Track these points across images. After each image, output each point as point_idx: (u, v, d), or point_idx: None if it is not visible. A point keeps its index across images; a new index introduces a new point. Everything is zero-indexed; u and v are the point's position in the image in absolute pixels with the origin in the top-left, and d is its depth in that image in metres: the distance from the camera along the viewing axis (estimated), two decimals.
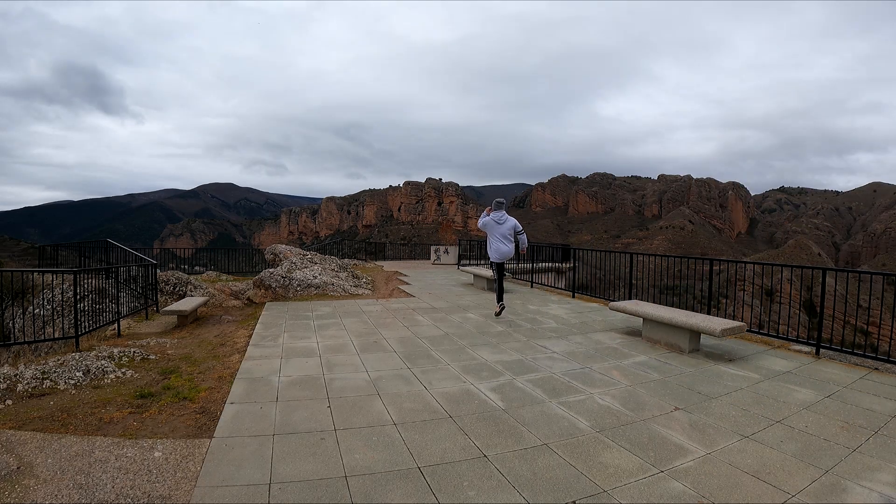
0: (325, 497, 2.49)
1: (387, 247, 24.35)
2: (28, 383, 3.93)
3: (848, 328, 7.32)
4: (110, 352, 4.96)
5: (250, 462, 2.83)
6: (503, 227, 7.28)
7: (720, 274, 8.92)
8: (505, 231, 7.28)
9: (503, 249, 7.30)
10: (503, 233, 7.28)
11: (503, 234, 7.28)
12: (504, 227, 7.29)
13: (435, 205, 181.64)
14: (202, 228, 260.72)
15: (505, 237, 7.29)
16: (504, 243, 7.29)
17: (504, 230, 7.28)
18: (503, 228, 7.28)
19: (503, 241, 7.29)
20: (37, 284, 9.37)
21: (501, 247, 7.29)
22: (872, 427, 3.39)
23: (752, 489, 2.59)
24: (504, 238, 7.29)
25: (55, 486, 2.50)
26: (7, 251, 61.40)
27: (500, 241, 7.29)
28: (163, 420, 3.41)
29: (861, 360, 5.05)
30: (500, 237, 7.28)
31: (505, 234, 7.28)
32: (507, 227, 7.30)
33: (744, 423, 3.46)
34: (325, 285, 10.24)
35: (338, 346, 5.67)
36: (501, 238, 7.28)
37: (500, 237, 7.28)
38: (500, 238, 7.28)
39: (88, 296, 6.66)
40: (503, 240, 7.29)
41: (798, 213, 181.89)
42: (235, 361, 4.92)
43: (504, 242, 7.29)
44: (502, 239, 7.28)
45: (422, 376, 4.51)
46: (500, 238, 7.28)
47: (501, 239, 7.28)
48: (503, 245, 7.29)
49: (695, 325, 5.23)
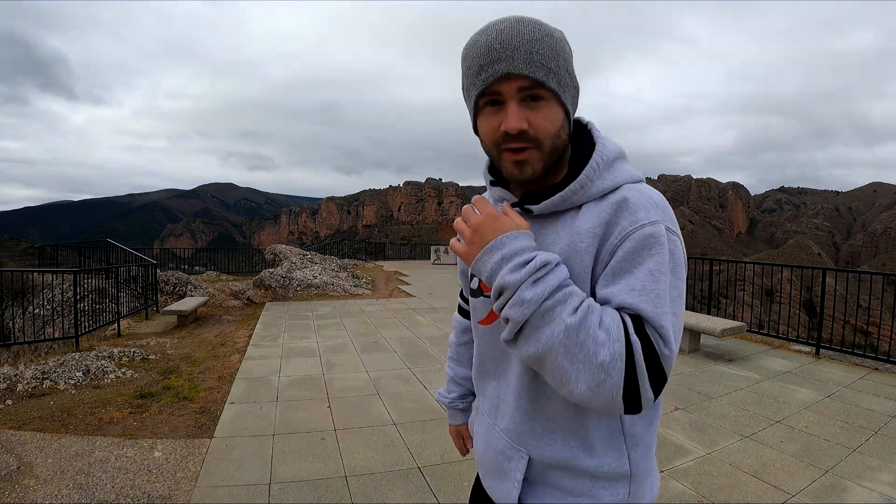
0: (325, 497, 2.49)
1: (387, 247, 24.36)
2: (28, 383, 3.93)
3: (848, 328, 7.32)
4: (110, 352, 4.96)
5: (250, 462, 2.83)
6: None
7: (720, 274, 8.94)
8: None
9: None
10: None
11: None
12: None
13: (435, 205, 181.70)
14: (202, 228, 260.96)
15: None
16: None
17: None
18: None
19: None
20: (37, 284, 9.37)
21: None
22: (872, 427, 3.39)
23: (752, 489, 2.59)
24: None
25: (55, 486, 2.50)
26: (7, 251, 61.45)
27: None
28: (163, 420, 3.41)
29: (861, 360, 5.05)
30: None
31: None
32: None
33: (744, 423, 3.46)
34: (325, 285, 10.24)
35: (338, 346, 5.67)
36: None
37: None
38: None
39: (88, 296, 6.66)
40: None
41: (798, 213, 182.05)
42: (235, 361, 4.92)
43: None
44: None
45: (422, 376, 4.51)
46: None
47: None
48: None
49: (695, 325, 5.23)
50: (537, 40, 0.74)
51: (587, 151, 0.81)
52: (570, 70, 0.79)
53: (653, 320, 0.67)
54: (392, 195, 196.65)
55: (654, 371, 0.66)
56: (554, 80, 0.74)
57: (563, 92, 0.76)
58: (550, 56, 0.74)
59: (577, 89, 0.81)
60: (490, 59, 0.74)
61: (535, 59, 0.73)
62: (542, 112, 0.75)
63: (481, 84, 0.76)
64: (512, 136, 0.75)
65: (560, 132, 0.77)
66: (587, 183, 0.77)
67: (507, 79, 0.74)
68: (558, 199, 0.78)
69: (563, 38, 0.78)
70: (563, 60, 0.76)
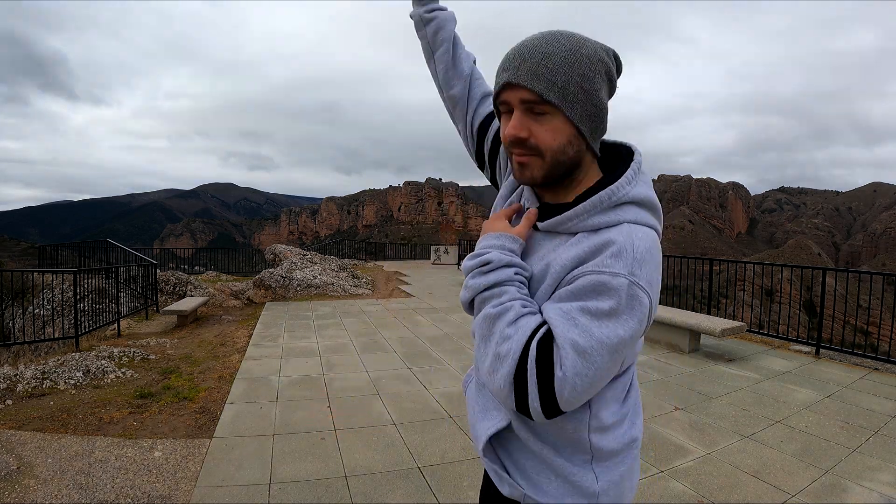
0: (325, 497, 2.49)
1: (387, 247, 24.36)
2: (28, 383, 3.93)
3: (848, 328, 7.32)
4: (110, 352, 4.96)
5: (250, 462, 2.83)
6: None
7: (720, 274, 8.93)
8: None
9: None
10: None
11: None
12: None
13: (435, 205, 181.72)
14: (202, 228, 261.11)
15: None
16: None
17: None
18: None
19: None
20: (37, 284, 9.37)
21: None
22: (872, 427, 3.39)
23: (752, 489, 2.59)
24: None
25: (55, 486, 2.50)
26: (7, 251, 61.46)
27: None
28: (163, 420, 3.41)
29: (861, 360, 5.05)
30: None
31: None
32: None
33: (744, 423, 3.46)
34: (325, 285, 10.24)
35: (338, 346, 5.67)
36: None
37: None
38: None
39: (88, 296, 6.66)
40: None
41: (798, 213, 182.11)
42: (235, 361, 4.92)
43: None
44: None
45: (422, 376, 4.51)
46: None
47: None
48: None
49: (695, 325, 5.23)
50: (551, 55, 0.75)
51: (608, 183, 0.81)
52: (588, 87, 0.77)
53: (559, 339, 0.71)
54: (392, 195, 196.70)
55: (544, 384, 0.70)
56: (556, 94, 0.75)
57: (568, 107, 0.76)
58: (560, 71, 0.75)
59: (598, 108, 0.79)
60: (503, 68, 0.79)
61: (540, 73, 0.75)
62: (546, 125, 0.77)
63: (495, 90, 0.82)
64: (515, 143, 0.79)
65: (566, 148, 0.78)
66: (583, 215, 0.79)
67: (512, 88, 0.78)
68: (555, 221, 0.82)
69: (592, 56, 0.77)
70: (577, 77, 0.75)
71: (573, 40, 0.77)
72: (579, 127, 0.78)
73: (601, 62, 0.78)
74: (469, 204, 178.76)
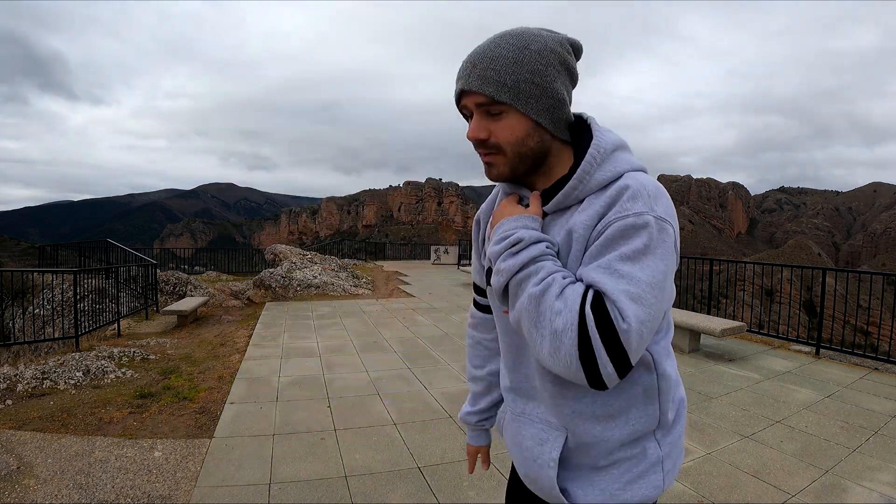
0: (325, 497, 2.49)
1: (387, 247, 24.35)
2: (28, 383, 3.93)
3: (848, 328, 7.32)
4: (110, 352, 4.96)
5: (250, 462, 2.83)
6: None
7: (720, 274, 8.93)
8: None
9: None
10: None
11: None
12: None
13: (435, 205, 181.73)
14: (202, 228, 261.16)
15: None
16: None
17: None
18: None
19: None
20: (37, 284, 9.37)
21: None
22: (872, 427, 3.39)
23: (752, 489, 2.59)
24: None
25: (55, 486, 2.50)
26: (7, 251, 61.46)
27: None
28: (163, 420, 3.41)
29: (861, 360, 5.05)
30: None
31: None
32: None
33: (744, 423, 3.46)
34: (325, 285, 10.24)
35: (338, 346, 5.67)
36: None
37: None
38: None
39: (88, 296, 6.67)
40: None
41: (798, 213, 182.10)
42: (235, 361, 4.92)
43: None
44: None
45: (422, 376, 4.51)
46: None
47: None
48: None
49: (695, 325, 5.23)
50: (498, 57, 0.78)
51: (586, 146, 0.84)
52: (540, 81, 0.79)
53: (611, 294, 0.70)
54: (392, 195, 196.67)
55: (611, 344, 0.68)
56: (508, 94, 0.78)
57: (522, 104, 0.79)
58: (508, 71, 0.78)
59: (555, 99, 0.81)
60: (458, 76, 0.83)
61: (488, 76, 0.78)
62: (502, 123, 0.81)
63: (455, 98, 0.85)
64: (477, 144, 0.84)
65: (526, 140, 0.82)
66: (585, 177, 0.81)
67: (466, 95, 0.82)
68: (561, 196, 0.83)
69: (542, 50, 0.80)
70: (526, 73, 0.78)
71: (521, 38, 0.79)
72: (537, 120, 0.81)
73: (553, 53, 0.80)
74: (469, 204, 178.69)
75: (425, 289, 10.74)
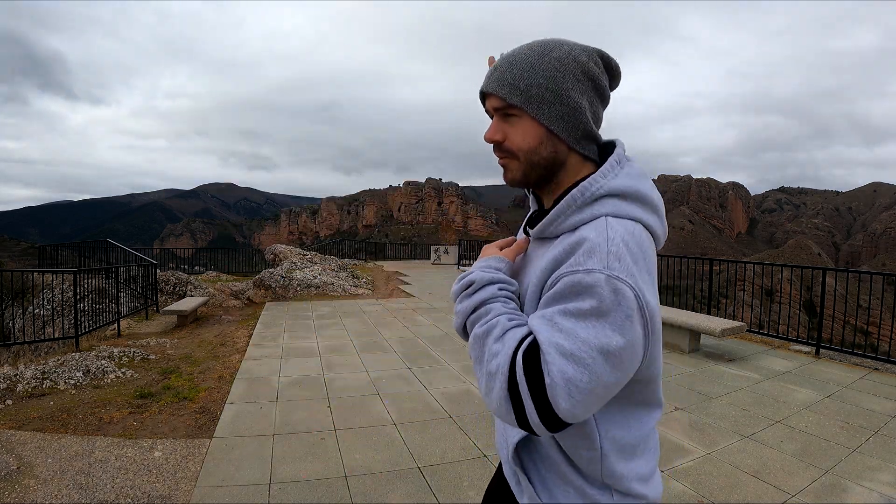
0: (325, 497, 2.49)
1: (387, 247, 24.35)
2: (28, 383, 3.93)
3: (848, 328, 7.32)
4: (110, 352, 4.96)
5: (250, 462, 2.83)
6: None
7: (720, 274, 8.88)
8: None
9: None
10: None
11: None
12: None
13: (435, 205, 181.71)
14: (202, 228, 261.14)
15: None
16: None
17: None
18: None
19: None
20: (37, 284, 9.37)
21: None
22: (872, 427, 3.39)
23: (752, 489, 2.59)
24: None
25: (55, 486, 2.50)
26: (7, 251, 61.48)
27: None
28: (163, 420, 3.41)
29: (861, 360, 5.05)
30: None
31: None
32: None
33: (744, 423, 3.46)
34: (325, 285, 10.24)
35: (338, 346, 5.67)
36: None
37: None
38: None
39: (88, 296, 6.67)
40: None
41: (798, 213, 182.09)
42: (235, 361, 4.92)
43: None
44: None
45: (422, 376, 4.51)
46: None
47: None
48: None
49: (695, 325, 5.23)
50: (518, 61, 0.79)
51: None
52: (555, 88, 0.77)
53: (543, 345, 0.68)
54: (392, 195, 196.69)
55: (537, 394, 0.67)
56: (520, 98, 0.78)
57: (534, 109, 0.78)
58: (523, 75, 0.78)
59: (571, 108, 0.78)
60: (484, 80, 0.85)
61: (505, 79, 0.79)
62: (515, 127, 0.81)
63: (480, 101, 0.86)
64: (494, 147, 0.84)
65: (539, 148, 0.80)
66: (561, 216, 0.79)
67: (487, 97, 0.83)
68: (542, 226, 0.82)
69: (563, 58, 0.78)
70: (541, 79, 0.77)
71: (546, 45, 0.79)
72: (550, 128, 0.79)
73: (575, 62, 0.78)
74: (469, 204, 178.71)
75: (425, 289, 10.74)
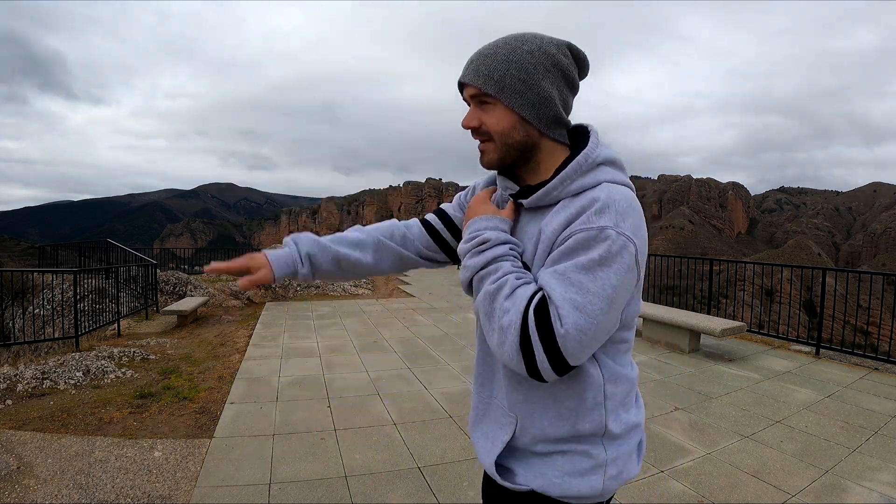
0: (325, 497, 2.49)
1: None
2: (28, 383, 3.93)
3: (848, 328, 7.32)
4: (110, 352, 4.96)
5: (250, 462, 2.83)
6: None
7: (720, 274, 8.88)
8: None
9: None
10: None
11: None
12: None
13: (435, 205, 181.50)
14: (202, 228, 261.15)
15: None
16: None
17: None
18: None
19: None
20: (37, 284, 9.37)
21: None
22: (872, 427, 3.39)
23: (752, 489, 2.59)
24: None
25: (55, 486, 2.50)
26: (7, 251, 61.48)
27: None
28: (163, 420, 3.41)
29: (861, 360, 5.05)
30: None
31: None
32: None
33: (744, 423, 3.46)
34: (324, 285, 10.24)
35: (338, 345, 5.67)
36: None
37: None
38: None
39: (88, 296, 6.66)
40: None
41: (798, 213, 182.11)
42: (235, 361, 4.92)
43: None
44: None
45: (422, 376, 4.51)
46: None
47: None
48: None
49: (695, 325, 5.23)
50: (492, 54, 0.86)
51: (579, 153, 0.89)
52: (527, 79, 0.85)
53: (557, 300, 0.76)
54: (392, 195, 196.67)
55: (548, 345, 0.76)
56: (494, 87, 0.85)
57: (507, 98, 0.85)
58: (497, 67, 0.85)
59: (541, 96, 0.86)
60: (462, 71, 0.91)
61: (480, 70, 0.86)
62: (490, 113, 0.88)
63: (459, 91, 0.93)
64: (472, 132, 0.92)
65: (512, 132, 0.88)
66: (566, 181, 0.86)
67: (464, 87, 0.90)
68: (541, 194, 0.88)
69: (534, 51, 0.85)
70: (515, 70, 0.84)
71: (519, 39, 0.86)
72: (521, 114, 0.86)
73: (545, 55, 0.85)
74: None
75: (425, 289, 10.74)
